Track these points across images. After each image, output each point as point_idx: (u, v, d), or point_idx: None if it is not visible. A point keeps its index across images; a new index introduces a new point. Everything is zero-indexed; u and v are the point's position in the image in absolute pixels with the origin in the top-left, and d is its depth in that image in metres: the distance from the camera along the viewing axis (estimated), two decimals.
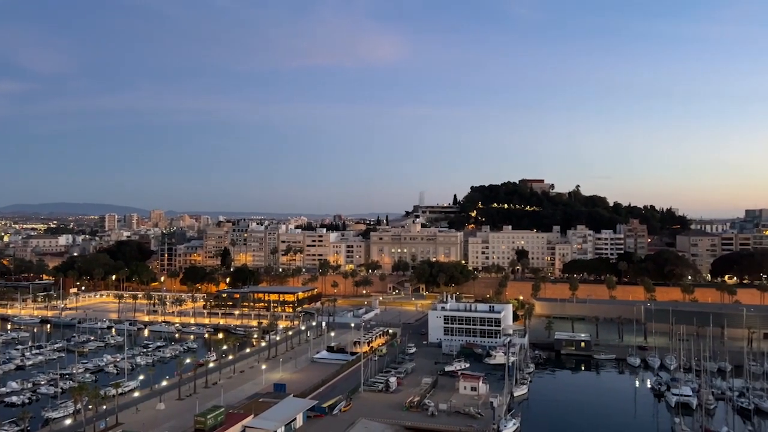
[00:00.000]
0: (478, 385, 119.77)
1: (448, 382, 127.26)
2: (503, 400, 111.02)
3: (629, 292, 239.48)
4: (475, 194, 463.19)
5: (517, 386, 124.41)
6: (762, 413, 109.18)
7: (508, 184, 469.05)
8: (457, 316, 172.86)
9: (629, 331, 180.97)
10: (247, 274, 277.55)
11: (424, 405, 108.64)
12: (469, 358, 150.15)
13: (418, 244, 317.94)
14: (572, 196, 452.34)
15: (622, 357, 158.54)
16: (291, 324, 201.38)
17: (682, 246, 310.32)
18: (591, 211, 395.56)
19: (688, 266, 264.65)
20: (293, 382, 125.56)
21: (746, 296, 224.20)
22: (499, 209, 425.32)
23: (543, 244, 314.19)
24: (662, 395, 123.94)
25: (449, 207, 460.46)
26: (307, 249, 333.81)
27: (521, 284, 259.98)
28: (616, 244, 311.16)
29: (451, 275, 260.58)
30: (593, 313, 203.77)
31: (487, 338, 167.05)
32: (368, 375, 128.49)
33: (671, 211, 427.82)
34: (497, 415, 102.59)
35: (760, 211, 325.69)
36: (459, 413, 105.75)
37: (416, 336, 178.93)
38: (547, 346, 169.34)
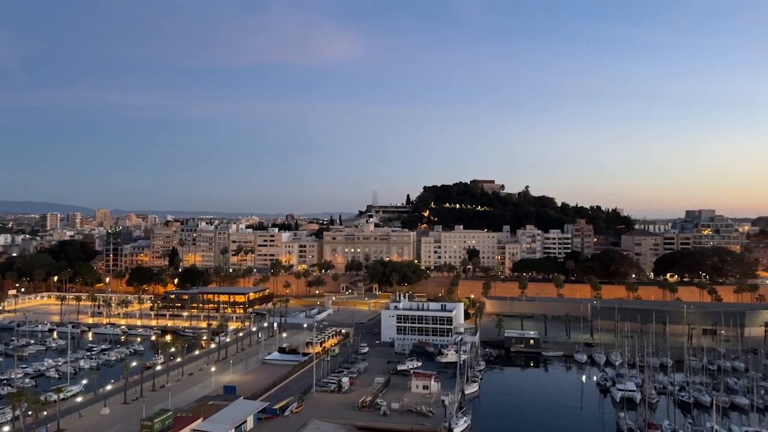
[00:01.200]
0: (430, 383, 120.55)
1: (400, 381, 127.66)
2: (455, 398, 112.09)
3: (576, 291, 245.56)
4: (427, 194, 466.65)
5: (469, 384, 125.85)
6: (701, 406, 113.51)
7: (460, 184, 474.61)
8: (409, 315, 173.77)
9: (576, 328, 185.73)
10: (196, 274, 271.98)
11: (377, 404, 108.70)
12: (421, 357, 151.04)
13: (372, 244, 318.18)
14: (522, 197, 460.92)
15: (569, 354, 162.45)
16: (242, 325, 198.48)
17: (626, 245, 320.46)
18: (540, 211, 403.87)
19: (632, 265, 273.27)
20: (244, 383, 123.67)
21: (686, 294, 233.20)
22: (451, 209, 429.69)
23: (494, 244, 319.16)
24: (608, 390, 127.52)
25: (402, 207, 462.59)
26: (258, 249, 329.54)
27: (472, 283, 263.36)
28: (563, 244, 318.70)
29: (404, 275, 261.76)
30: (542, 311, 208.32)
31: (439, 337, 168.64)
32: (321, 375, 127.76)
33: (616, 211, 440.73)
34: (449, 413, 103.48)
35: (699, 212, 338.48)
36: (411, 412, 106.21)
37: (369, 336, 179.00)
38: (498, 344, 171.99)
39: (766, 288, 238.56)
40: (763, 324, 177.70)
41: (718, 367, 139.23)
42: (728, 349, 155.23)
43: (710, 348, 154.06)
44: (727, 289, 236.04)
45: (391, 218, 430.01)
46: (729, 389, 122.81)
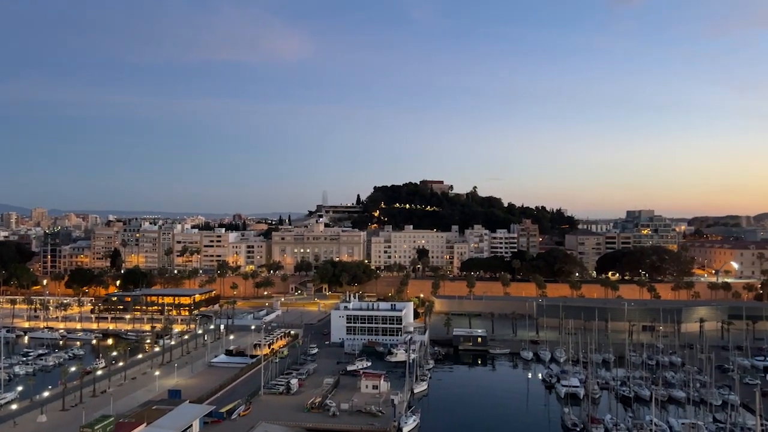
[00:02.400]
0: (379, 383, 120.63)
1: (350, 382, 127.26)
2: (404, 397, 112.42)
3: (522, 289, 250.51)
4: (377, 194, 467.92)
5: (418, 383, 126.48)
6: (641, 400, 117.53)
7: (410, 184, 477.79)
8: (359, 315, 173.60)
9: (522, 326, 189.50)
10: (139, 276, 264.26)
11: (326, 405, 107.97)
12: (371, 357, 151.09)
13: (321, 244, 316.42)
14: (470, 197, 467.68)
15: (516, 351, 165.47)
16: (187, 327, 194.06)
17: (570, 245, 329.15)
18: (487, 211, 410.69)
19: (575, 264, 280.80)
20: (189, 387, 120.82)
21: (627, 291, 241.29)
22: (401, 209, 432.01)
23: (442, 244, 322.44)
24: (552, 387, 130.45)
25: (352, 207, 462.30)
26: (204, 250, 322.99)
27: (422, 282, 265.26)
28: (510, 243, 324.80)
29: (354, 275, 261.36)
30: (489, 310, 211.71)
31: (388, 336, 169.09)
32: (269, 377, 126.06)
33: (561, 211, 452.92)
34: (398, 412, 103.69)
35: (639, 212, 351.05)
36: (361, 412, 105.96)
37: (319, 336, 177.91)
38: (446, 343, 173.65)
39: (701, 285, 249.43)
40: (698, 320, 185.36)
41: (657, 362, 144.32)
42: (666, 345, 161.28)
43: (649, 344, 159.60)
44: (665, 286, 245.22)
45: (341, 218, 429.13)
46: (667, 383, 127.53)
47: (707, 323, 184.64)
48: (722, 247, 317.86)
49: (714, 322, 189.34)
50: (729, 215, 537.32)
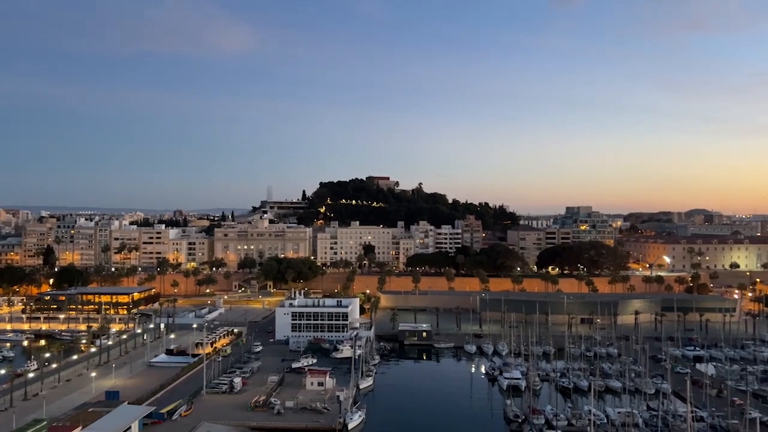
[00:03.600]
0: (324, 380, 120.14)
1: (295, 379, 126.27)
2: (349, 393, 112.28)
3: (466, 284, 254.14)
4: (323, 190, 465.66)
5: (363, 378, 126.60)
6: (580, 391, 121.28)
7: (356, 180, 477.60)
8: (305, 312, 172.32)
9: (466, 320, 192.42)
10: (74, 274, 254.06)
11: (270, 404, 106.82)
12: (316, 354, 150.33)
13: (266, 241, 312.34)
14: (415, 193, 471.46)
15: (459, 345, 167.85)
16: (125, 327, 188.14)
17: (512, 240, 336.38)
18: (432, 207, 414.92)
19: (517, 259, 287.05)
20: (128, 388, 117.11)
21: (566, 285, 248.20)
22: (347, 205, 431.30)
23: (388, 239, 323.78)
24: (495, 379, 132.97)
25: (298, 203, 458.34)
26: (143, 246, 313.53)
27: (368, 278, 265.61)
28: (454, 239, 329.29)
29: (299, 271, 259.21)
30: (434, 304, 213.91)
31: (334, 333, 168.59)
32: (211, 377, 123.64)
33: (503, 207, 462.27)
34: (343, 409, 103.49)
35: (578, 208, 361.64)
36: (306, 409, 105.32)
37: (263, 334, 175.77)
38: (392, 338, 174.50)
39: (636, 279, 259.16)
40: (633, 312, 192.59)
41: (595, 354, 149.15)
42: (603, 337, 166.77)
43: (587, 336, 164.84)
44: (602, 280, 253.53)
45: (287, 214, 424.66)
46: (604, 374, 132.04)
47: (642, 315, 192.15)
48: (655, 242, 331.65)
49: (648, 314, 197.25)
50: (662, 211, 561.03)
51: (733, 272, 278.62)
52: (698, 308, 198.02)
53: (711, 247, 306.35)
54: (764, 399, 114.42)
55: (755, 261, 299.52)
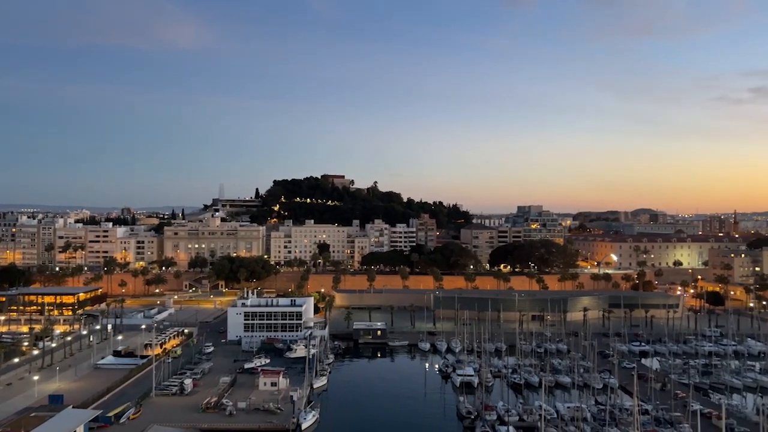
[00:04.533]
0: (278, 380, 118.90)
1: (247, 380, 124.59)
2: (303, 392, 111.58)
3: (420, 282, 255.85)
4: (277, 188, 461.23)
5: (317, 378, 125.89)
6: (531, 387, 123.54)
7: (311, 179, 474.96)
8: (258, 311, 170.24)
9: (420, 318, 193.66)
10: (15, 273, 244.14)
11: (222, 405, 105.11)
12: (269, 354, 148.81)
13: (218, 239, 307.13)
14: (371, 192, 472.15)
15: (414, 343, 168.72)
16: (70, 328, 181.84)
17: (465, 238, 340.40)
18: (387, 206, 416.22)
19: (470, 257, 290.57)
20: (73, 392, 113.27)
21: (518, 283, 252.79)
22: (302, 203, 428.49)
23: (343, 238, 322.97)
24: (448, 376, 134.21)
25: (251, 201, 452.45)
26: (90, 245, 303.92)
27: (323, 277, 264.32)
28: (409, 237, 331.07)
29: (252, 270, 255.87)
30: (389, 303, 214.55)
31: (288, 332, 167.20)
32: (161, 378, 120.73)
33: (456, 206, 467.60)
34: (297, 409, 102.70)
35: (529, 207, 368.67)
36: (258, 410, 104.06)
37: (214, 335, 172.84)
38: (347, 336, 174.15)
39: (585, 276, 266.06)
40: (582, 309, 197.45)
41: (545, 350, 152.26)
42: (553, 333, 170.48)
43: (538, 332, 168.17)
44: (552, 278, 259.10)
45: (239, 212, 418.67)
46: (554, 370, 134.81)
47: (590, 312, 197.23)
48: (603, 241, 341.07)
49: (596, 310, 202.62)
50: (609, 211, 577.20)
51: (677, 270, 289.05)
52: (644, 305, 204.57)
53: (656, 245, 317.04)
54: (705, 392, 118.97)
55: (697, 259, 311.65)
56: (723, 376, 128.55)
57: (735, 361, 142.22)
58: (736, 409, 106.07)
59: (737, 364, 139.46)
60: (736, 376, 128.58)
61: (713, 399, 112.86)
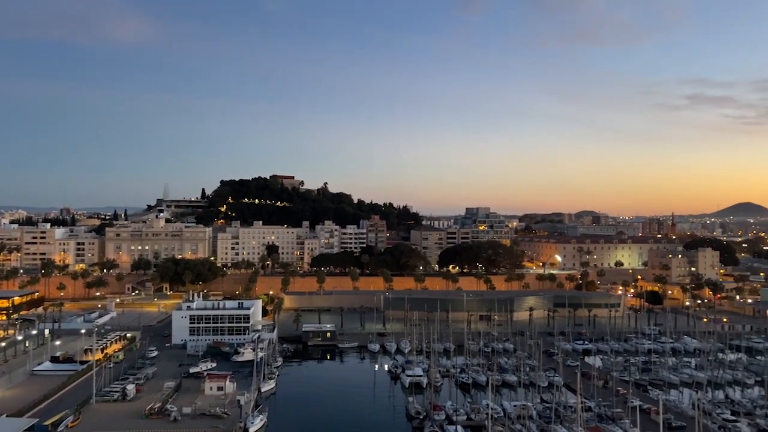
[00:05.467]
0: (224, 384, 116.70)
1: (193, 384, 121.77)
2: (251, 396, 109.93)
3: (371, 283, 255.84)
4: (224, 188, 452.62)
5: (265, 381, 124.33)
6: (478, 386, 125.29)
7: (260, 179, 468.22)
8: (203, 314, 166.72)
9: (370, 319, 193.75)
10: None
11: (166, 410, 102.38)
12: (216, 358, 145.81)
13: (162, 241, 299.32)
14: (320, 193, 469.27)
15: (363, 344, 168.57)
16: (5, 333, 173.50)
17: (415, 240, 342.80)
18: (338, 207, 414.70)
19: (420, 258, 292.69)
20: (7, 400, 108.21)
21: (466, 283, 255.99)
22: (250, 204, 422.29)
23: (293, 239, 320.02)
24: (398, 377, 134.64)
25: (197, 201, 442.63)
26: (26, 247, 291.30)
27: (271, 279, 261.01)
28: (359, 239, 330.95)
29: (198, 273, 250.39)
30: (338, 304, 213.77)
31: (235, 335, 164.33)
32: (102, 384, 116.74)
33: (407, 208, 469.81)
34: (244, 413, 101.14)
35: (477, 209, 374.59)
36: (204, 415, 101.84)
37: (158, 338, 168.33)
38: (296, 339, 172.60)
39: (530, 277, 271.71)
40: (528, 309, 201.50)
41: (492, 349, 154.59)
42: (500, 333, 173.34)
43: (486, 332, 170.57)
44: (499, 278, 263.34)
45: (185, 213, 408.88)
46: (501, 369, 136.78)
47: (536, 312, 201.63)
48: (548, 242, 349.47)
49: (541, 310, 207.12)
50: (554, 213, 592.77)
51: (618, 270, 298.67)
52: (587, 304, 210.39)
53: (598, 246, 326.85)
54: (644, 388, 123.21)
55: (637, 259, 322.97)
56: (661, 373, 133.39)
57: (672, 358, 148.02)
58: (674, 404, 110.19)
59: (674, 360, 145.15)
60: (673, 373, 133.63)
61: (652, 395, 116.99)
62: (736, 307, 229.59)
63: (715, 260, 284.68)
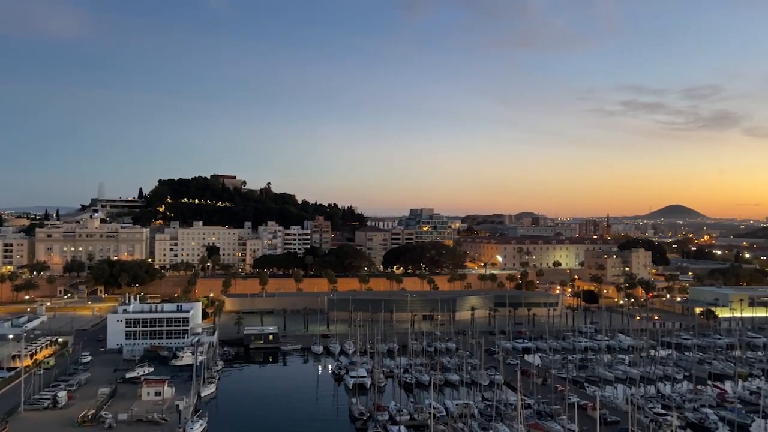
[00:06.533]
0: (162, 389, 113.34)
1: (129, 390, 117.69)
2: (190, 401, 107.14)
3: (315, 284, 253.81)
4: (163, 188, 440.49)
5: (205, 386, 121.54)
6: (421, 385, 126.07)
7: (200, 178, 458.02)
8: (141, 318, 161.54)
9: (314, 321, 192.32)
10: None
11: (101, 417, 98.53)
12: (154, 362, 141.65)
13: (97, 242, 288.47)
14: (263, 193, 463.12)
15: (307, 346, 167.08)
16: None
17: (360, 240, 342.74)
18: (281, 208, 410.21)
19: (364, 259, 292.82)
20: None
21: (410, 284, 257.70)
22: (190, 204, 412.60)
23: (234, 240, 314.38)
24: (342, 379, 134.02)
25: (134, 201, 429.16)
26: None
27: (212, 281, 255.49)
28: (303, 240, 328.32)
29: (135, 275, 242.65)
30: (282, 306, 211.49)
31: (174, 339, 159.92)
32: (31, 392, 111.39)
33: (351, 209, 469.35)
34: (183, 418, 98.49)
35: (421, 210, 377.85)
36: (141, 421, 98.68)
37: (93, 343, 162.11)
38: (237, 342, 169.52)
39: (472, 277, 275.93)
40: (470, 308, 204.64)
41: (435, 349, 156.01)
42: (443, 332, 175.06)
43: (429, 332, 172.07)
44: (442, 278, 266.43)
45: (121, 213, 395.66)
46: (444, 368, 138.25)
47: (477, 311, 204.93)
48: (489, 243, 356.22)
49: (483, 309, 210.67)
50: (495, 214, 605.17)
51: (556, 270, 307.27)
52: (526, 303, 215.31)
53: (537, 247, 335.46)
54: (581, 384, 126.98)
55: (574, 259, 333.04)
56: (597, 370, 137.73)
57: (608, 355, 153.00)
58: (609, 400, 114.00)
59: (609, 357, 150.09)
60: (608, 369, 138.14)
61: (588, 391, 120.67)
62: (666, 305, 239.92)
63: (647, 260, 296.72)
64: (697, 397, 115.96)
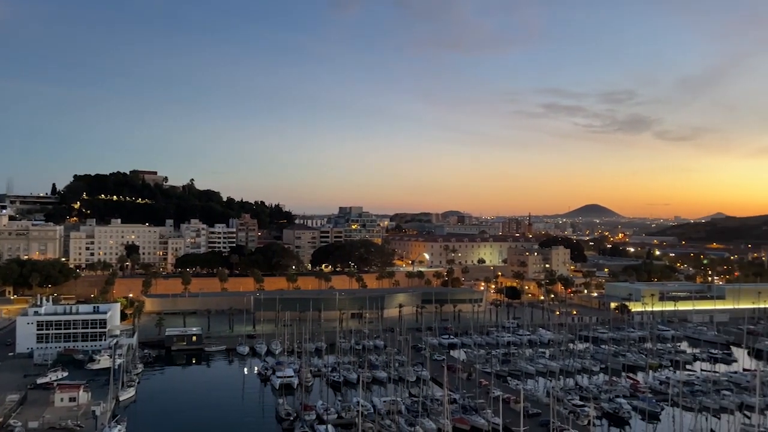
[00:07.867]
0: (77, 394, 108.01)
1: (41, 396, 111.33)
2: (107, 406, 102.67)
3: (240, 284, 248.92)
4: (79, 184, 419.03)
5: (124, 390, 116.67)
6: (349, 384, 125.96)
7: (118, 174, 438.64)
8: (53, 320, 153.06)
9: (240, 321, 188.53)
10: None
11: (9, 426, 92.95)
12: (68, 366, 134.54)
13: (5, 240, 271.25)
14: (186, 190, 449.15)
15: (232, 347, 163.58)
16: None
17: (288, 239, 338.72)
18: (205, 205, 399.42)
19: (292, 257, 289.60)
20: None
21: (339, 282, 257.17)
22: (107, 201, 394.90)
23: (155, 239, 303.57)
24: (268, 379, 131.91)
25: (47, 197, 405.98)
26: None
27: (131, 281, 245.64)
28: (228, 238, 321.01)
29: (47, 275, 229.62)
30: (205, 306, 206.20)
31: (90, 342, 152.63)
32: None
33: (279, 207, 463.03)
34: (100, 424, 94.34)
35: (350, 209, 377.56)
36: (54, 428, 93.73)
37: (1, 347, 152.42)
38: (158, 344, 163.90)
39: (400, 274, 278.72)
40: (398, 306, 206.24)
41: (363, 347, 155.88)
42: (371, 330, 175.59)
43: (357, 330, 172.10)
44: (371, 276, 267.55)
45: (32, 210, 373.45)
46: (372, 365, 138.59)
47: (405, 308, 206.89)
48: (417, 241, 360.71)
49: (411, 306, 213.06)
50: (422, 212, 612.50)
51: (481, 267, 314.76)
52: (452, 300, 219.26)
53: (463, 245, 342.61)
54: (505, 378, 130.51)
55: (498, 257, 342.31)
56: (519, 364, 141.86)
57: (529, 349, 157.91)
58: (530, 392, 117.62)
59: (531, 352, 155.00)
60: (530, 363, 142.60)
61: (512, 385, 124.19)
62: (584, 300, 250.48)
63: (566, 257, 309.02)
64: (612, 388, 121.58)
